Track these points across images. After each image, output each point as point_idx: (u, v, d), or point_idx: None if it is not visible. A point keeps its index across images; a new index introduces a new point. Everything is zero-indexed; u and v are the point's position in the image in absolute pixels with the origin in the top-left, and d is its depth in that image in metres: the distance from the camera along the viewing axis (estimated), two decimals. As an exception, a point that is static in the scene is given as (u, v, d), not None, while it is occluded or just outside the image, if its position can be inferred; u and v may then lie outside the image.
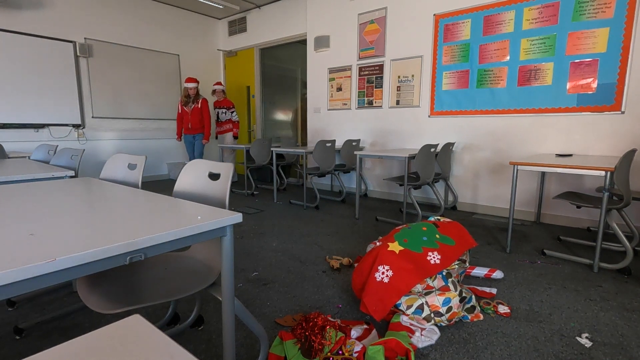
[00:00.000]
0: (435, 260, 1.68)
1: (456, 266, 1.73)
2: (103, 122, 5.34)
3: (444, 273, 1.69)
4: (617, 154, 3.10)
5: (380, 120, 4.61)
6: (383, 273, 1.67)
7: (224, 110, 5.56)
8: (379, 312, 1.64)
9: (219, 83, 5.58)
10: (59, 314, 1.74)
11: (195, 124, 5.02)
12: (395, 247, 1.73)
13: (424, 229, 1.83)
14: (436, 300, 1.65)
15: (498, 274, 2.18)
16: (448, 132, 4.05)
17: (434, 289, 1.68)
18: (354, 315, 1.77)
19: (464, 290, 1.74)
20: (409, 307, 1.67)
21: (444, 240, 1.77)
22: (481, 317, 1.73)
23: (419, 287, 1.67)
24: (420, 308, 1.66)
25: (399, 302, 1.69)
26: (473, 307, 1.74)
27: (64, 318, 1.71)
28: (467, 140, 3.92)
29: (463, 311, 1.70)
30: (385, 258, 1.70)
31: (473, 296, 1.78)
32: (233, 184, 5.38)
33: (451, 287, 1.68)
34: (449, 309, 1.64)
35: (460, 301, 1.68)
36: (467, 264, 1.93)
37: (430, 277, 1.67)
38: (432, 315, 1.64)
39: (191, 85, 4.88)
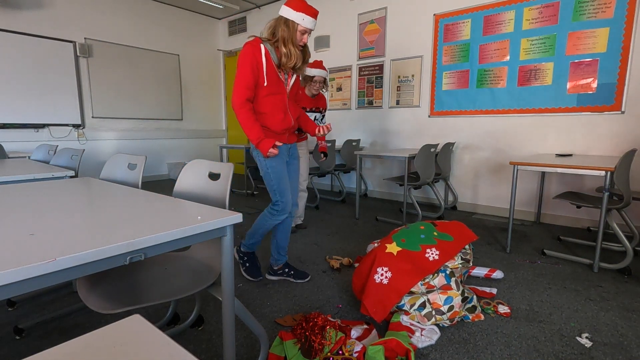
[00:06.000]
0: (434, 257, 1.68)
1: (460, 265, 1.73)
2: (103, 122, 5.34)
3: (447, 272, 1.69)
4: (617, 154, 3.09)
5: (380, 120, 4.61)
6: (382, 275, 1.67)
7: (317, 116, 3.15)
8: (380, 314, 1.63)
9: (319, 64, 2.91)
10: (59, 314, 1.74)
11: (296, 118, 2.09)
12: (393, 248, 1.73)
13: (422, 227, 1.83)
14: (438, 298, 1.66)
15: (498, 274, 2.18)
16: (448, 132, 4.05)
17: (435, 288, 1.68)
18: (354, 315, 1.77)
19: (466, 290, 1.74)
20: (412, 305, 1.68)
21: (442, 237, 1.76)
22: (482, 317, 1.73)
23: (421, 288, 1.67)
24: (422, 305, 1.66)
25: (402, 302, 1.69)
26: (474, 307, 1.74)
27: (64, 318, 1.71)
28: (467, 140, 3.92)
29: (464, 311, 1.70)
30: (383, 260, 1.70)
31: (475, 296, 1.78)
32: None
33: (454, 286, 1.68)
34: (451, 308, 1.64)
35: (462, 301, 1.68)
36: (471, 264, 1.92)
37: (432, 275, 1.67)
38: (434, 312, 1.64)
39: (312, 22, 1.89)
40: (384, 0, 4.37)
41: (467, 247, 1.92)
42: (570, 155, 3.09)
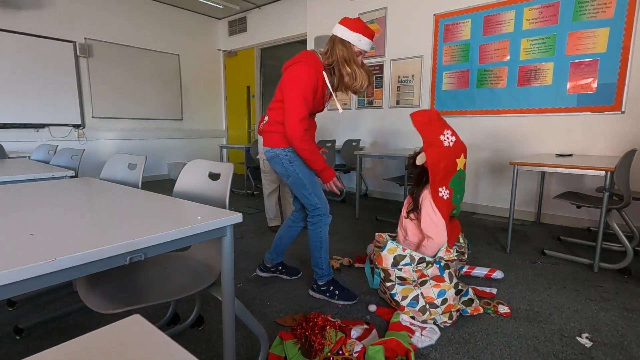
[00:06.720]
0: (444, 195, 1.81)
1: (455, 258, 1.74)
2: (103, 122, 5.34)
3: (442, 264, 1.70)
4: (617, 154, 3.09)
5: (380, 120, 4.61)
6: (446, 136, 1.81)
7: None
8: (427, 131, 1.82)
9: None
10: (59, 314, 1.74)
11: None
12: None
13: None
14: (431, 292, 1.67)
15: (498, 274, 2.18)
16: (448, 132, 4.04)
17: (428, 278, 1.69)
18: (354, 315, 1.77)
19: (460, 283, 1.75)
20: (404, 297, 1.69)
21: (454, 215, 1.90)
22: (481, 310, 1.74)
23: (413, 275, 1.68)
24: (416, 299, 1.67)
25: (394, 292, 1.71)
26: (471, 300, 1.75)
27: (64, 318, 1.71)
28: (467, 140, 3.91)
29: (460, 304, 1.70)
30: (449, 127, 1.83)
31: (470, 289, 1.80)
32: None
33: (446, 278, 1.69)
34: (444, 301, 1.65)
35: (456, 294, 1.68)
36: (466, 256, 1.94)
37: (426, 265, 1.68)
38: (428, 306, 1.65)
39: (368, 44, 1.78)
40: (384, 0, 4.37)
41: (461, 240, 1.94)
42: (570, 155, 3.09)
